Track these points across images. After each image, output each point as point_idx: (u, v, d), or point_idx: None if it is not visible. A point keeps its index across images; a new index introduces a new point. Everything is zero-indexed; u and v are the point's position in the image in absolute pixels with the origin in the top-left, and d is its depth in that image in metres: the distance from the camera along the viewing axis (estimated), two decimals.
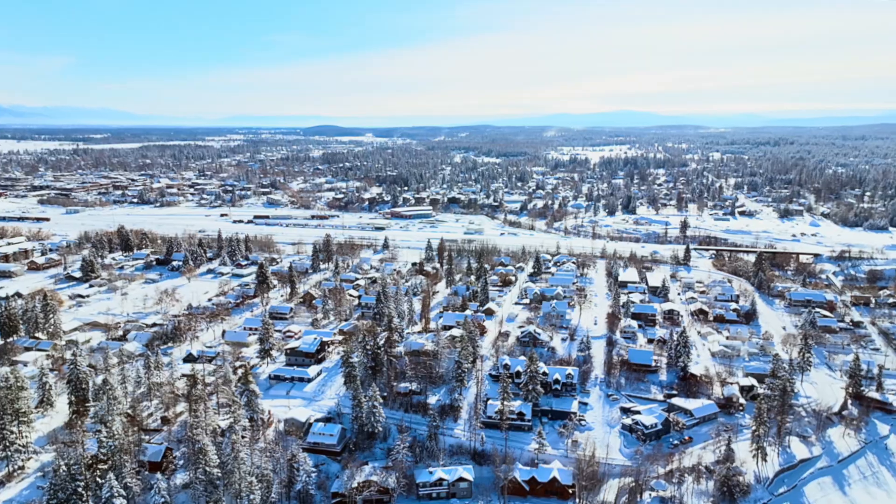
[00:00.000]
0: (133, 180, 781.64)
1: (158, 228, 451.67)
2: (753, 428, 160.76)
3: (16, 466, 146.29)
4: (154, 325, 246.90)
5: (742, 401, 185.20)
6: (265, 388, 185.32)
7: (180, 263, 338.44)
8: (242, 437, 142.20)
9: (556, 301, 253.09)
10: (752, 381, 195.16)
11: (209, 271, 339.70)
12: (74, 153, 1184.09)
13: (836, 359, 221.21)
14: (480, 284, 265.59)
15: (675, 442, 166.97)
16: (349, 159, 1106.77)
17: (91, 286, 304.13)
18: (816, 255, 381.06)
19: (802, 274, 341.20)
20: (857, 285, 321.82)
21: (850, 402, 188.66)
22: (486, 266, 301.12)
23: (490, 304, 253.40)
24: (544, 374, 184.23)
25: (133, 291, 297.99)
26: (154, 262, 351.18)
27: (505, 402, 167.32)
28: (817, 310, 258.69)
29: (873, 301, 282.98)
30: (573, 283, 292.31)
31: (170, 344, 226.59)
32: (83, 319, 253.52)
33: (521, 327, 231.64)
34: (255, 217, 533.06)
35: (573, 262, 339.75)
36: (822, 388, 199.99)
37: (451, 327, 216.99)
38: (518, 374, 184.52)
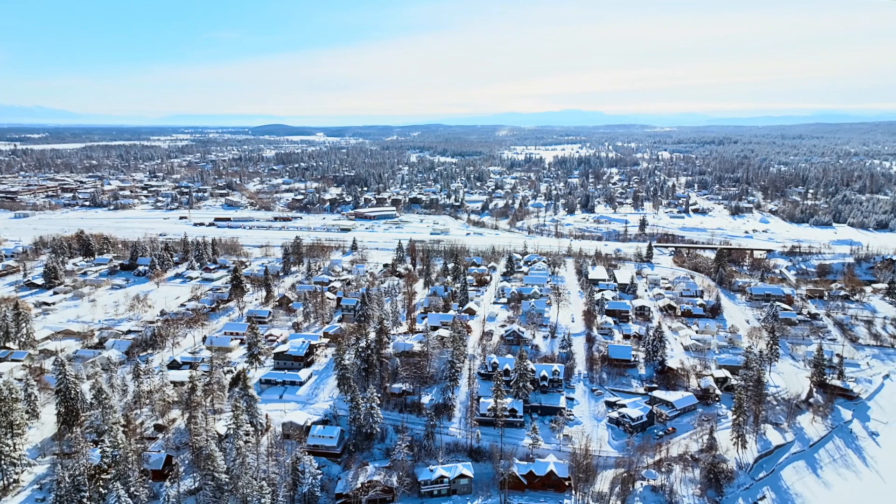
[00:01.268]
0: (82, 182, 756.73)
1: (117, 232, 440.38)
2: (733, 417, 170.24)
3: (11, 480, 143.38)
4: (129, 331, 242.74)
5: (718, 392, 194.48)
6: (257, 392, 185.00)
7: (147, 268, 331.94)
8: (246, 442, 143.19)
9: (534, 300, 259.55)
10: (725, 372, 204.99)
11: (177, 276, 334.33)
12: (13, 154, 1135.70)
13: (799, 350, 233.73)
14: (460, 285, 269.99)
15: (660, 433, 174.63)
16: (304, 159, 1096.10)
17: (56, 293, 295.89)
18: (769, 251, 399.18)
19: (757, 269, 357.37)
20: (808, 279, 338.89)
21: (815, 390, 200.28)
22: (460, 266, 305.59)
23: (470, 304, 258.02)
24: (532, 371, 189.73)
25: (101, 298, 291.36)
26: (119, 268, 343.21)
27: (498, 400, 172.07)
28: (777, 303, 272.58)
29: (826, 294, 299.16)
30: (547, 282, 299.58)
31: (149, 351, 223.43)
32: (54, 328, 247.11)
33: (503, 326, 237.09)
34: (216, 219, 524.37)
35: (544, 262, 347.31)
36: (788, 377, 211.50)
37: (437, 328, 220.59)
38: (507, 371, 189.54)
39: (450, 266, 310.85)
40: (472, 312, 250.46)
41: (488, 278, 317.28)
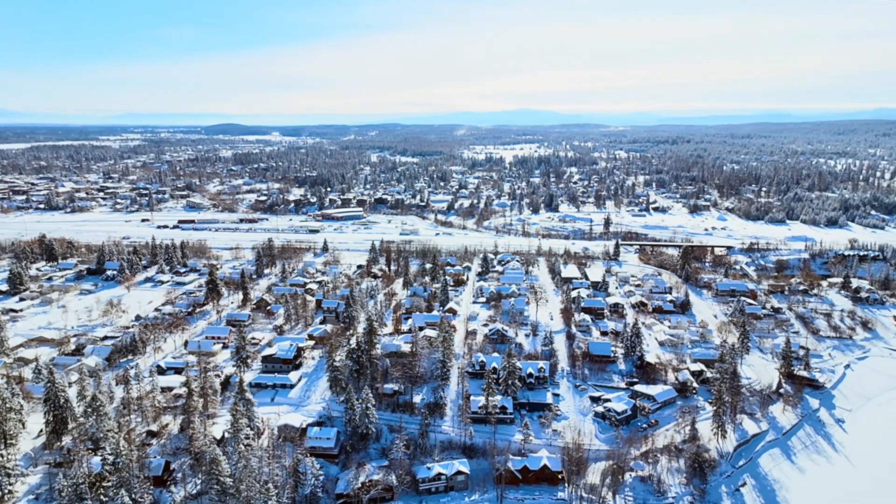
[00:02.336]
0: (33, 184, 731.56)
1: (78, 236, 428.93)
2: (713, 408, 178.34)
3: (6, 491, 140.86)
4: (106, 337, 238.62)
5: (695, 385, 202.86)
6: None
7: (115, 272, 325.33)
8: (248, 445, 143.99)
9: (513, 299, 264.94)
10: (700, 366, 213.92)
11: (147, 280, 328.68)
12: None
13: (766, 343, 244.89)
14: (441, 285, 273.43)
15: (644, 426, 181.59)
16: (262, 159, 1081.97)
17: (22, 300, 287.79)
18: (729, 248, 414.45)
19: (719, 266, 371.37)
20: (767, 274, 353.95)
21: (784, 381, 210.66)
22: (438, 267, 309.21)
23: (451, 304, 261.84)
24: (519, 369, 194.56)
25: (71, 304, 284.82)
26: (85, 272, 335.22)
27: (489, 398, 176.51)
28: (742, 298, 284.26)
29: (787, 289, 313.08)
30: (523, 281, 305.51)
31: (130, 357, 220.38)
32: (26, 335, 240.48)
33: (485, 325, 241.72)
34: (180, 222, 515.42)
35: (517, 261, 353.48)
36: (758, 369, 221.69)
37: (423, 328, 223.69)
38: (495, 370, 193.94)
39: (427, 267, 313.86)
40: (453, 312, 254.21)
41: (465, 278, 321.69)
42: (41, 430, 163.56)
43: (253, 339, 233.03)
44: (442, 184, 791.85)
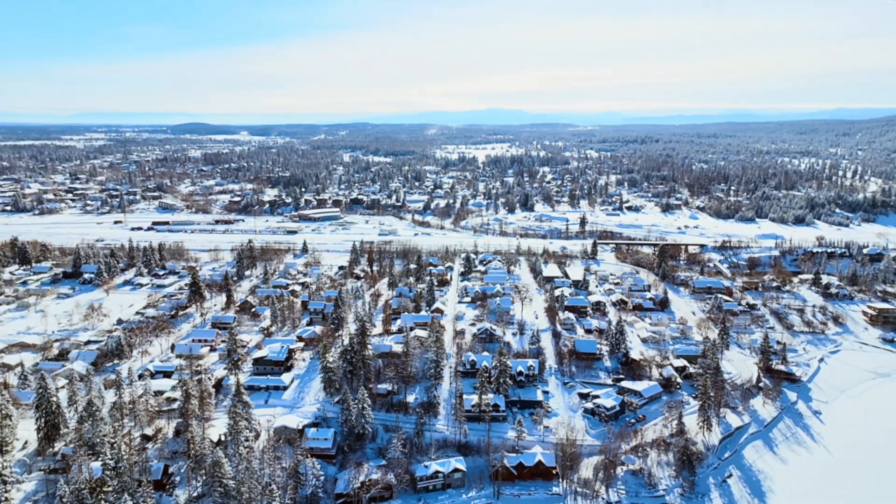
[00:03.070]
0: None
1: (50, 238, 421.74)
2: (699, 403, 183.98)
3: (2, 499, 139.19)
4: (89, 342, 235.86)
5: (679, 380, 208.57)
6: None
7: (93, 276, 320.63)
8: (248, 448, 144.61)
9: (499, 298, 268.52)
10: (683, 362, 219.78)
11: (126, 283, 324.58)
12: None
13: (743, 338, 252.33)
14: (426, 286, 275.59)
15: (632, 421, 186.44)
16: (233, 159, 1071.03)
17: None
18: (703, 246, 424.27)
19: (693, 263, 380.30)
20: (740, 272, 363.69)
21: (762, 375, 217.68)
22: (422, 267, 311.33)
23: (437, 304, 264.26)
24: (509, 367, 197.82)
25: (49, 308, 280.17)
26: (61, 276, 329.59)
27: (483, 396, 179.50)
28: (719, 295, 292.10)
29: (761, 285, 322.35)
30: (506, 281, 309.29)
31: (116, 361, 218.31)
32: (6, 340, 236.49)
33: (473, 325, 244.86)
34: (155, 223, 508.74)
35: (499, 261, 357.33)
36: (737, 364, 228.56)
37: (412, 328, 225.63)
38: (486, 368, 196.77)
39: (412, 267, 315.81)
40: (440, 312, 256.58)
41: (448, 278, 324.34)
42: (25, 443, 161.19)
43: (240, 341, 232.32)
44: (417, 184, 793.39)
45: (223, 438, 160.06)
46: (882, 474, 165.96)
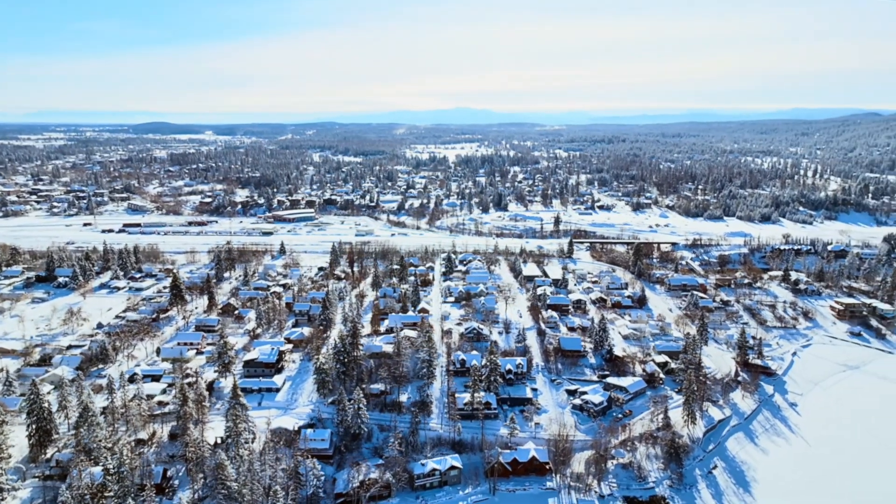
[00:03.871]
0: None
1: (18, 241, 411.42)
2: (684, 397, 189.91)
3: None
4: (70, 346, 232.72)
5: (662, 375, 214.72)
6: None
7: (68, 279, 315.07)
8: (249, 450, 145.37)
9: (484, 298, 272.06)
10: (665, 357, 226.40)
11: (102, 286, 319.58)
12: None
13: (720, 334, 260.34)
14: (410, 287, 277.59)
15: (619, 416, 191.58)
16: (200, 160, 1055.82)
17: None
18: (674, 244, 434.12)
19: (666, 261, 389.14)
20: (712, 269, 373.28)
21: (740, 369, 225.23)
22: (405, 268, 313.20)
23: (422, 304, 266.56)
24: (498, 365, 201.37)
25: (25, 312, 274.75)
26: (34, 280, 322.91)
27: (475, 394, 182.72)
28: (694, 292, 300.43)
29: (733, 282, 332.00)
30: (488, 280, 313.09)
31: (101, 365, 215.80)
32: None
33: (459, 324, 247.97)
34: (126, 225, 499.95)
35: (479, 261, 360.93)
36: (716, 359, 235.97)
37: (401, 328, 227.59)
38: (477, 367, 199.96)
39: (395, 268, 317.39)
40: (426, 312, 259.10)
41: (431, 279, 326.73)
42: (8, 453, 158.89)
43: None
44: (389, 184, 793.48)
45: (220, 441, 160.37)
46: (857, 461, 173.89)
